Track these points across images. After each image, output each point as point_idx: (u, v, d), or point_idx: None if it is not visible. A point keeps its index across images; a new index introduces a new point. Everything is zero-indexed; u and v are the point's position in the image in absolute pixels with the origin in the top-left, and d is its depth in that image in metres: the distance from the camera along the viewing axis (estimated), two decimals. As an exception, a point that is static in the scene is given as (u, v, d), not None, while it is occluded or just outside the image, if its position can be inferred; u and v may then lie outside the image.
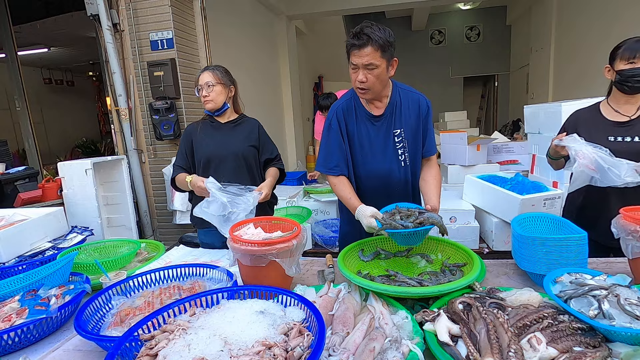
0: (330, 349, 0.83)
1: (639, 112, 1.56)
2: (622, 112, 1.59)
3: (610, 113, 1.62)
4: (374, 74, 1.37)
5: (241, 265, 1.17)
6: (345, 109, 1.54)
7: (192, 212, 1.98)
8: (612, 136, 1.58)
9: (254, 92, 5.13)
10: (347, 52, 1.39)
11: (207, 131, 1.90)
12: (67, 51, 7.17)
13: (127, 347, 0.80)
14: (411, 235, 1.25)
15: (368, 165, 1.56)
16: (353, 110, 1.54)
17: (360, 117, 1.54)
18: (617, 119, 1.59)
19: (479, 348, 0.79)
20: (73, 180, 2.54)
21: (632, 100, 1.57)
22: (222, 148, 1.86)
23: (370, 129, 1.54)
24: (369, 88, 1.40)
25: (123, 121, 3.38)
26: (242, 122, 1.96)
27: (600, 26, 4.82)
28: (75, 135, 9.18)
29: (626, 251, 1.11)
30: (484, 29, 9.74)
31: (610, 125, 1.60)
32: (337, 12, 6.78)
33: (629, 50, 1.49)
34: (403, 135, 1.54)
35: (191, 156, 1.90)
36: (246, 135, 1.92)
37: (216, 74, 1.83)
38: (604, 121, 1.62)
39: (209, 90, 1.81)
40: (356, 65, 1.36)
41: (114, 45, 3.23)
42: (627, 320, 0.82)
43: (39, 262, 1.47)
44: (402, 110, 1.53)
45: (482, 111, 11.27)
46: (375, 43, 1.31)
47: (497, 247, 2.74)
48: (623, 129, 1.57)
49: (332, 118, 1.55)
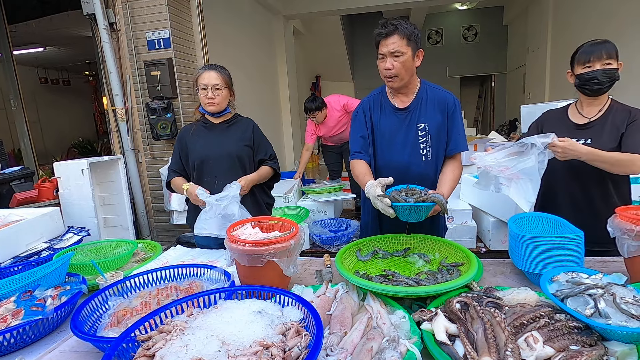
0: (328, 349, 0.83)
1: (598, 115, 1.58)
2: (585, 114, 1.61)
3: (575, 115, 1.64)
4: (399, 61, 1.43)
5: (239, 266, 1.17)
6: (372, 101, 1.62)
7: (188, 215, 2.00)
8: (570, 137, 1.59)
9: (252, 91, 5.12)
10: (376, 44, 1.46)
11: (199, 133, 1.88)
12: (63, 50, 7.13)
13: (124, 348, 0.80)
14: (412, 210, 1.27)
15: (387, 156, 1.59)
16: (379, 103, 1.61)
17: (385, 109, 1.60)
18: (579, 121, 1.62)
19: (476, 347, 0.80)
20: (69, 180, 2.53)
21: (595, 102, 1.58)
22: (216, 148, 1.84)
23: (393, 121, 1.58)
24: (396, 75, 1.46)
25: (120, 121, 3.37)
26: (236, 122, 1.94)
27: (596, 23, 4.85)
28: (72, 135, 9.14)
29: (622, 250, 1.12)
30: (480, 29, 9.78)
31: (571, 128, 1.63)
32: (334, 12, 6.79)
33: (585, 54, 1.50)
34: (427, 130, 1.55)
35: (185, 159, 1.88)
36: (240, 135, 1.90)
37: (224, 77, 1.81)
38: (567, 123, 1.65)
39: (217, 93, 1.78)
40: (384, 54, 1.44)
41: (111, 44, 3.21)
42: (623, 319, 0.82)
43: (35, 262, 1.46)
44: (427, 106, 1.56)
45: (479, 111, 11.32)
46: (401, 32, 1.40)
47: (494, 246, 2.75)
48: (581, 132, 1.59)
49: (359, 109, 1.63)
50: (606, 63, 1.46)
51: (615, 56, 1.47)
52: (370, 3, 6.25)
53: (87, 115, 9.68)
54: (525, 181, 1.42)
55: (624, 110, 1.54)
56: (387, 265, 1.34)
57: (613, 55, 1.46)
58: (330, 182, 3.90)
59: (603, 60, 1.46)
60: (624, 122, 1.51)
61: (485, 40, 9.75)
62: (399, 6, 6.80)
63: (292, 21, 6.84)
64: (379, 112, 1.59)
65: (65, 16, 4.69)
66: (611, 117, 1.55)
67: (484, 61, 9.81)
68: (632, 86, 4.04)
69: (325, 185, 3.78)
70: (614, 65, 1.46)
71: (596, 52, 1.47)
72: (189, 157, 1.87)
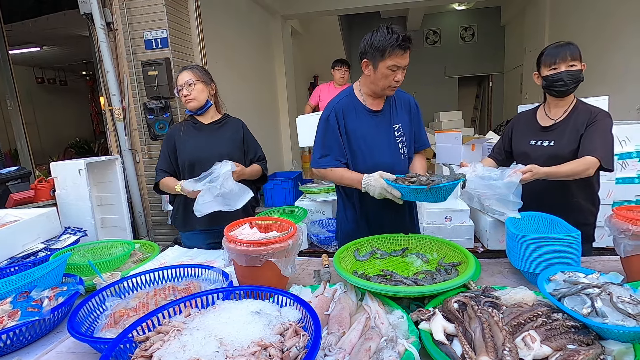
0: (326, 349, 0.83)
1: (562, 116, 1.60)
2: (551, 116, 1.64)
3: (542, 117, 1.67)
4: (404, 73, 1.52)
5: (237, 266, 1.17)
6: (344, 106, 1.60)
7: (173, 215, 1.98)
8: (534, 140, 1.65)
9: (249, 91, 5.11)
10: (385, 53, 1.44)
11: (189, 133, 1.85)
12: (60, 50, 7.10)
13: (121, 349, 0.80)
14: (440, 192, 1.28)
15: (375, 159, 1.59)
16: (352, 106, 1.60)
17: (361, 113, 1.60)
18: (544, 123, 1.65)
19: (474, 347, 0.80)
20: (66, 180, 2.52)
21: (560, 103, 1.61)
22: (207, 150, 1.82)
23: (370, 124, 1.60)
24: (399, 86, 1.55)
25: (117, 121, 3.35)
26: (226, 123, 1.93)
27: (593, 24, 4.86)
28: (69, 135, 9.10)
29: (618, 249, 1.13)
30: (478, 30, 9.81)
31: (537, 129, 1.66)
32: (332, 12, 6.78)
33: (550, 57, 1.53)
34: (402, 130, 1.63)
35: (174, 159, 1.86)
36: (230, 136, 1.89)
37: (195, 72, 1.80)
38: (534, 124, 1.67)
39: (190, 89, 1.77)
40: (399, 66, 1.47)
41: (108, 44, 3.20)
42: (620, 318, 0.83)
43: (32, 263, 1.45)
44: (397, 108, 1.64)
45: (477, 111, 11.35)
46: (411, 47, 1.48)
47: (492, 246, 2.76)
48: (545, 133, 1.63)
49: (330, 114, 1.59)
50: (571, 65, 1.50)
51: (579, 58, 1.51)
52: (369, 3, 6.25)
53: (84, 115, 9.64)
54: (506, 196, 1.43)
55: (586, 111, 1.56)
56: (385, 265, 1.34)
57: (577, 57, 1.50)
58: (328, 182, 3.90)
59: (568, 62, 1.50)
60: (584, 123, 1.54)
61: (483, 40, 9.77)
62: (397, 6, 6.80)
63: (290, 21, 6.84)
64: (354, 116, 1.59)
65: (62, 16, 4.67)
66: (573, 119, 1.57)
67: (482, 61, 9.83)
68: (630, 86, 4.06)
69: (324, 185, 3.78)
70: (578, 66, 1.51)
71: (561, 54, 1.50)
72: (178, 157, 1.85)
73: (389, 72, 1.48)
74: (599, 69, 4.71)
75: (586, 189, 1.62)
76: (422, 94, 9.98)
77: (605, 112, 1.55)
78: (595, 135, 1.50)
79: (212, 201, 1.57)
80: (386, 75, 1.48)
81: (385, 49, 1.43)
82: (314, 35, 8.36)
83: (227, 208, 1.59)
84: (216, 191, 1.56)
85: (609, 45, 4.49)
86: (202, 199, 1.58)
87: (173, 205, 1.96)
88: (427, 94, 9.79)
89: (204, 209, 1.57)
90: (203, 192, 1.58)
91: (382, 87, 1.52)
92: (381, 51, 1.44)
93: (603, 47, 4.60)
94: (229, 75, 4.46)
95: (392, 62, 1.45)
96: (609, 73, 4.45)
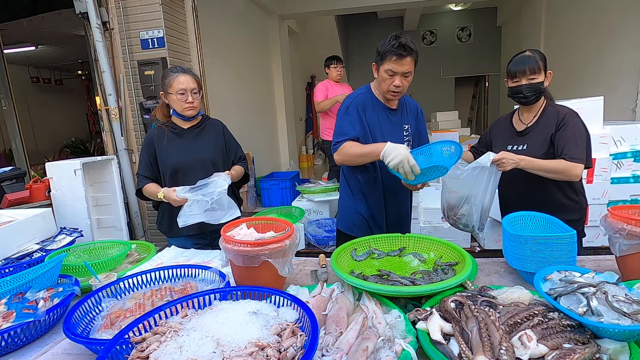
0: (323, 349, 0.83)
1: (533, 120, 1.68)
2: (523, 120, 1.71)
3: (517, 121, 1.74)
4: (407, 80, 1.59)
5: (234, 266, 1.16)
6: (363, 100, 1.68)
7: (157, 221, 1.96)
8: (511, 145, 1.71)
9: (246, 91, 5.10)
10: (384, 57, 1.54)
11: (170, 139, 1.81)
12: (55, 49, 7.05)
13: (117, 350, 0.79)
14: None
15: None
16: (370, 102, 1.69)
17: (378, 108, 1.69)
18: (519, 127, 1.72)
19: (471, 346, 0.80)
20: (62, 180, 2.50)
21: (531, 109, 1.69)
22: (189, 156, 1.79)
23: (386, 120, 1.70)
24: (401, 92, 1.62)
25: (113, 121, 3.33)
26: (206, 126, 1.89)
27: (589, 21, 4.88)
28: (64, 135, 9.03)
29: (613, 249, 1.13)
30: (474, 30, 9.85)
31: (512, 134, 1.73)
32: (329, 12, 6.79)
33: (512, 71, 1.61)
34: (410, 130, 1.75)
35: (155, 165, 1.82)
36: (212, 140, 1.87)
37: (197, 79, 1.78)
38: (510, 129, 1.75)
39: (196, 97, 1.75)
40: (395, 72, 1.55)
41: (104, 43, 3.18)
42: (615, 317, 0.83)
43: (27, 264, 1.44)
44: (407, 110, 1.77)
45: (473, 111, 11.39)
46: (414, 54, 1.54)
47: (489, 245, 2.77)
48: (520, 138, 1.70)
49: (350, 106, 1.67)
50: (530, 78, 1.57)
51: (540, 69, 1.57)
52: (365, 3, 6.26)
53: (79, 115, 9.57)
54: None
55: (554, 113, 1.63)
56: (383, 264, 1.35)
57: (537, 70, 1.56)
58: (326, 182, 3.90)
59: (527, 76, 1.57)
60: (553, 124, 1.61)
61: (479, 40, 9.82)
62: (394, 6, 6.82)
63: (287, 21, 6.83)
64: (372, 110, 1.68)
65: (57, 15, 4.63)
66: (542, 122, 1.65)
67: (478, 62, 9.88)
68: (624, 83, 4.07)
69: (321, 185, 3.78)
70: (538, 78, 1.57)
71: (520, 69, 1.58)
72: (159, 164, 1.81)
73: (386, 76, 1.57)
74: (593, 69, 4.74)
75: (564, 185, 1.66)
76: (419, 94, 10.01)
77: (572, 112, 1.62)
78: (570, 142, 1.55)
79: (199, 213, 1.57)
80: (384, 78, 1.58)
81: (384, 53, 1.54)
82: (311, 35, 8.36)
83: (211, 221, 1.59)
84: (206, 206, 1.56)
85: (603, 44, 4.51)
86: (189, 209, 1.58)
87: (158, 211, 1.93)
88: (424, 94, 9.82)
89: (189, 220, 1.57)
90: (190, 202, 1.57)
91: (384, 90, 1.62)
92: (381, 55, 1.56)
93: (597, 47, 4.63)
94: (226, 75, 4.45)
95: (388, 66, 1.54)
96: (603, 73, 4.47)
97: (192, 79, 1.76)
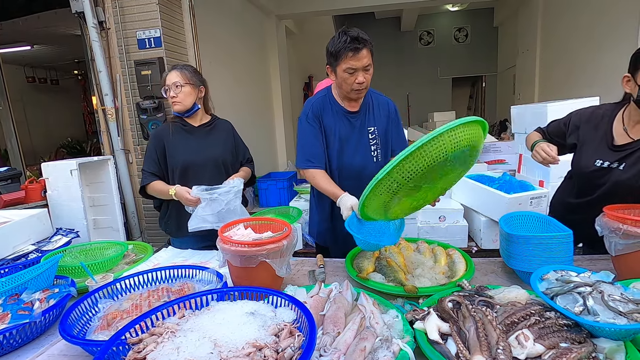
0: (321, 349, 0.83)
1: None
2: (630, 133, 1.27)
3: (619, 129, 1.31)
4: (369, 74, 1.48)
5: (231, 267, 1.16)
6: (320, 104, 1.60)
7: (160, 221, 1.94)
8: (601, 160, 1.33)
9: (243, 91, 5.09)
10: (338, 57, 1.43)
11: (180, 136, 1.80)
12: (51, 49, 7.00)
13: (114, 352, 0.79)
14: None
15: (344, 159, 1.61)
16: (329, 106, 1.61)
17: (337, 113, 1.61)
18: (619, 138, 1.29)
19: (468, 346, 0.80)
20: (58, 181, 2.48)
21: None
22: (200, 154, 1.78)
23: (345, 124, 1.61)
24: (366, 88, 1.51)
25: (109, 121, 3.32)
26: (216, 125, 1.89)
27: (586, 23, 4.89)
28: (60, 135, 8.97)
29: (609, 248, 1.14)
30: (471, 31, 9.88)
31: (606, 144, 1.33)
32: (327, 12, 6.79)
33: None
34: (376, 133, 1.63)
35: (163, 161, 1.79)
36: (223, 140, 1.86)
37: (185, 74, 1.74)
38: (606, 137, 1.33)
39: (177, 91, 1.72)
40: (355, 68, 1.44)
41: (100, 43, 3.16)
42: (611, 316, 0.83)
43: (22, 265, 1.43)
44: (374, 111, 1.64)
45: (470, 111, 11.42)
46: (369, 45, 1.43)
47: (486, 245, 2.78)
48: (615, 153, 1.29)
49: (309, 112, 1.60)
50: None
51: None
52: (363, 4, 6.27)
53: (76, 115, 9.52)
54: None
55: None
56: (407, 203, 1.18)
57: None
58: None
59: None
60: None
61: (476, 41, 9.85)
62: (391, 7, 6.83)
63: (285, 21, 6.82)
64: (330, 115, 1.60)
65: (53, 14, 4.60)
66: None
67: (475, 62, 9.91)
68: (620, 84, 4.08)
69: (318, 186, 3.78)
70: None
71: None
72: (168, 161, 1.79)
73: (346, 75, 1.46)
74: (590, 70, 4.76)
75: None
76: (416, 95, 10.06)
77: None
78: None
79: (209, 214, 1.56)
80: (345, 78, 1.47)
81: (338, 53, 1.43)
82: (308, 36, 8.35)
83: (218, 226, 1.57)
84: (221, 206, 1.55)
85: (600, 45, 4.53)
86: (202, 210, 1.57)
87: (161, 210, 1.91)
88: (421, 95, 9.85)
89: (200, 225, 1.57)
90: (204, 204, 1.56)
91: (347, 90, 1.52)
92: (334, 56, 1.45)
93: (596, 44, 4.64)
94: (223, 74, 4.44)
95: (346, 65, 1.43)
96: (600, 73, 4.50)
97: (177, 73, 1.74)
